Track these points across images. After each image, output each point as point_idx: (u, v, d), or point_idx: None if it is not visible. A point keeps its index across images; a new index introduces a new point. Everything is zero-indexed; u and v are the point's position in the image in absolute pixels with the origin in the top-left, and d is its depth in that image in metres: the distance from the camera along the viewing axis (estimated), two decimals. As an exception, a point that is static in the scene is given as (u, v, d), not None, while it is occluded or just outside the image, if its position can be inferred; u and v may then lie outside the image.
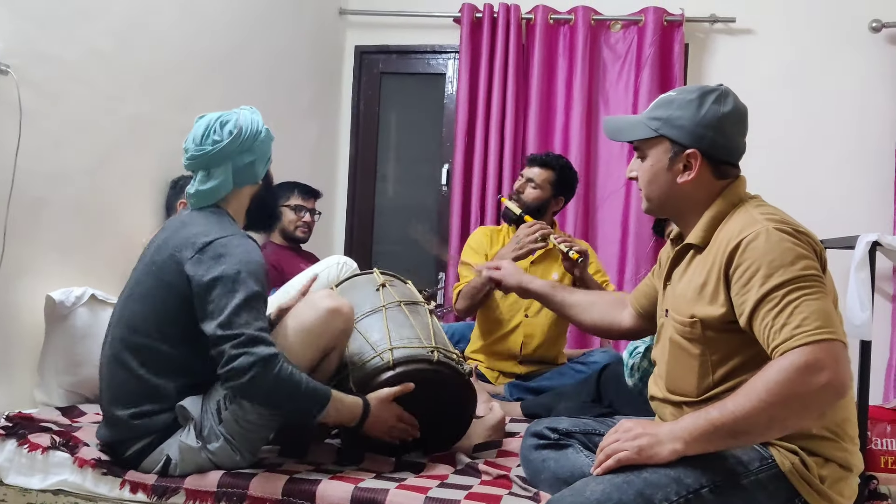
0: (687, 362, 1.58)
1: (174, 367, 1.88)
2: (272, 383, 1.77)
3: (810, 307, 1.38)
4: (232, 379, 1.77)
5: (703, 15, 4.07)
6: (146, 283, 1.92)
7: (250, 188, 2.06)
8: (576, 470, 1.64)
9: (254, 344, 1.76)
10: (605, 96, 4.18)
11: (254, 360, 1.75)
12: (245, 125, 1.97)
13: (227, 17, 3.36)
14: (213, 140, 1.95)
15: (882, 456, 2.76)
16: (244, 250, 1.87)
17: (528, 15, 4.17)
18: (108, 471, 1.88)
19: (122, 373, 1.89)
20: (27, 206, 2.36)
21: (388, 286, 2.26)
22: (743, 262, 1.46)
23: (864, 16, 3.90)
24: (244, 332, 1.76)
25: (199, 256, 1.84)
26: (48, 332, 2.40)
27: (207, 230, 1.90)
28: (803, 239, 1.47)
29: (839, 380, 1.34)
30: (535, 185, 3.04)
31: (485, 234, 3.21)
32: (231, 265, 1.82)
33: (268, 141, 2.04)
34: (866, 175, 3.89)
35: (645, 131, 1.65)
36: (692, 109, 1.59)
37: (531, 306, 2.99)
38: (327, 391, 1.86)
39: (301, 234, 3.54)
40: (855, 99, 3.94)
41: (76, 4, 2.51)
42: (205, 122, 1.98)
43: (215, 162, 1.96)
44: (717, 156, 1.60)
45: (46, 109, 2.41)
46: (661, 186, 1.64)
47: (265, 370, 1.75)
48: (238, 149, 1.97)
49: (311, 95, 4.18)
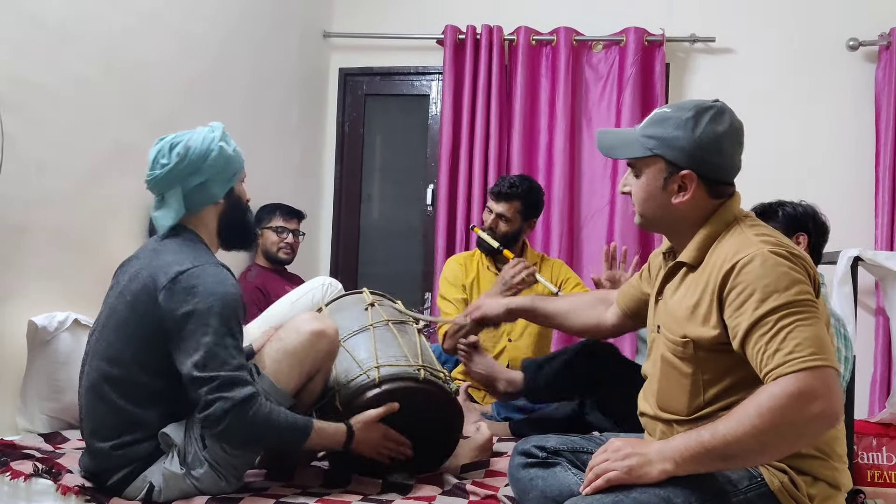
0: (678, 381, 1.58)
1: (154, 396, 1.85)
2: (249, 427, 1.76)
3: (803, 333, 1.37)
4: (209, 426, 1.77)
5: (683, 35, 4.12)
6: (121, 314, 1.88)
7: (213, 209, 2.00)
8: (564, 488, 1.63)
9: (230, 387, 1.75)
10: (587, 116, 4.21)
11: (229, 406, 1.73)
12: (194, 146, 1.91)
13: (210, 40, 3.36)
14: (161, 164, 1.91)
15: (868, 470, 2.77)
16: (216, 281, 1.83)
17: (510, 36, 4.21)
18: (92, 497, 1.85)
19: (102, 405, 1.86)
20: (9, 231, 2.34)
21: (376, 305, 2.27)
22: (737, 285, 1.45)
23: (841, 34, 3.97)
24: (219, 374, 1.75)
25: (172, 287, 1.81)
26: (31, 358, 2.38)
27: (180, 259, 1.86)
28: (798, 262, 1.46)
29: (832, 409, 1.34)
30: (506, 220, 3.05)
31: (458, 263, 3.22)
32: (203, 299, 1.79)
33: (221, 159, 1.95)
34: (847, 191, 3.94)
35: (640, 150, 1.61)
36: (688, 130, 1.55)
37: (513, 330, 3.01)
38: (307, 423, 1.85)
39: (284, 255, 3.54)
40: (834, 116, 4.00)
41: (58, 29, 2.51)
42: (158, 146, 1.94)
43: (165, 186, 1.92)
44: (712, 176, 1.58)
45: (28, 134, 2.40)
46: (656, 206, 1.62)
47: (242, 414, 1.74)
48: (185, 171, 1.91)
49: (296, 117, 4.19)
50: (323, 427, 1.89)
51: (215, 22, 3.40)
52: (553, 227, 4.09)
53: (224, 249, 2.08)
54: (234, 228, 2.04)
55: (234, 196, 2.05)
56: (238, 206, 2.06)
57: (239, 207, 2.06)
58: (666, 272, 1.68)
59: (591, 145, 4.16)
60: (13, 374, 2.37)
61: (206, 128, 1.98)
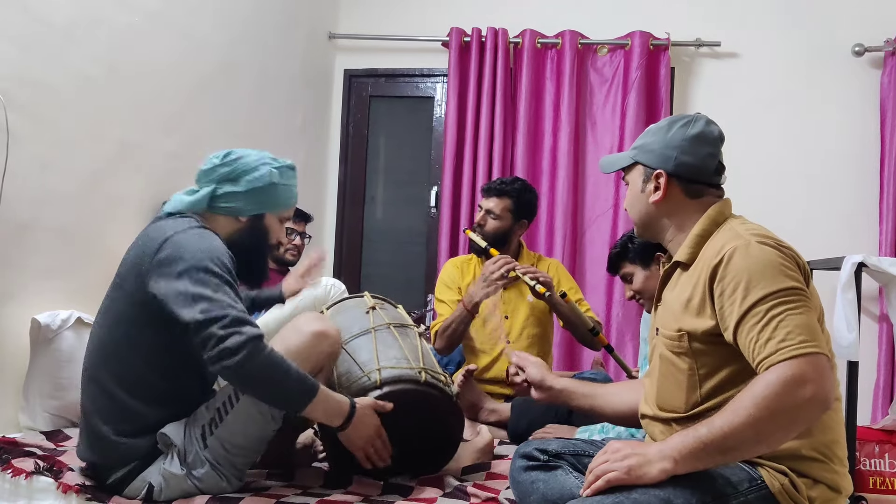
0: (675, 377, 1.59)
1: (148, 384, 1.85)
2: (264, 363, 1.72)
3: (794, 321, 1.40)
4: (225, 358, 1.69)
5: (688, 39, 4.12)
6: (111, 297, 1.91)
7: (228, 221, 1.99)
8: (565, 492, 1.63)
9: (241, 324, 1.72)
10: (592, 119, 4.21)
11: (245, 339, 1.70)
12: (246, 158, 1.98)
13: (215, 41, 3.37)
14: (211, 160, 1.99)
15: (871, 476, 2.76)
16: (200, 239, 1.84)
17: (515, 39, 4.21)
18: (93, 496, 1.85)
19: (102, 393, 1.86)
20: (13, 230, 2.35)
21: (378, 309, 2.27)
22: (726, 276, 1.48)
23: (847, 40, 3.96)
24: (228, 313, 1.72)
25: (158, 255, 1.80)
26: (33, 356, 2.38)
27: (164, 228, 1.87)
28: (786, 252, 1.49)
29: (823, 393, 1.36)
30: (494, 216, 3.04)
31: (455, 266, 3.22)
32: (195, 256, 1.78)
33: (263, 182, 1.96)
34: (851, 197, 3.93)
35: (624, 160, 1.77)
36: (661, 135, 1.70)
37: (511, 332, 3.00)
38: (316, 382, 1.81)
39: (290, 256, 3.54)
40: (839, 121, 3.99)
41: (63, 28, 2.52)
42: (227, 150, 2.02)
43: (203, 179, 1.99)
44: (684, 175, 1.67)
45: (33, 133, 2.41)
46: (640, 208, 1.74)
47: (257, 349, 1.71)
48: (224, 175, 1.97)
49: (301, 118, 4.20)
50: (329, 394, 1.85)
51: (221, 23, 3.41)
52: (556, 229, 4.08)
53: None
54: (242, 251, 1.96)
55: (262, 224, 2.03)
56: (259, 235, 2.03)
57: (259, 237, 2.03)
58: (663, 276, 1.72)
59: (596, 149, 4.16)
60: (16, 371, 2.38)
61: (269, 154, 2.02)
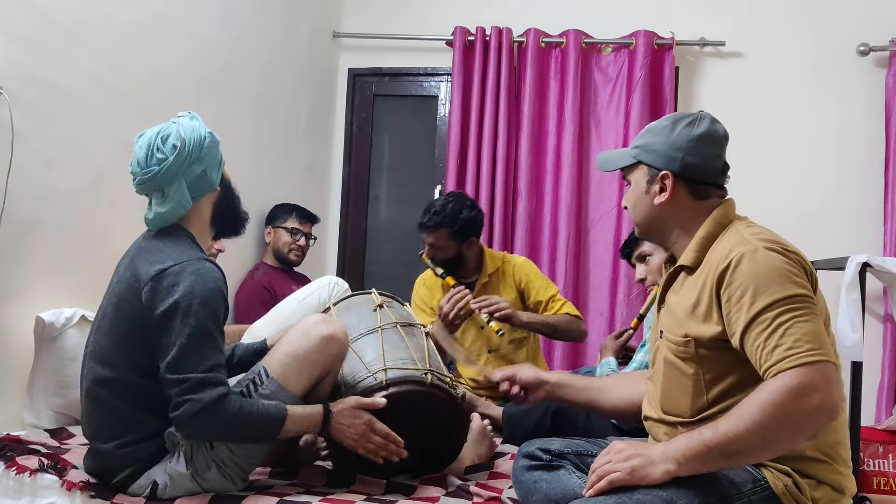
0: (681, 382, 1.58)
1: (148, 397, 1.84)
2: (219, 426, 1.77)
3: (802, 329, 1.39)
4: (179, 427, 1.78)
5: (693, 38, 4.11)
6: (109, 316, 1.89)
7: (210, 197, 1.98)
8: (568, 491, 1.63)
9: (200, 388, 1.73)
10: (596, 118, 4.20)
11: (198, 409, 1.72)
12: (187, 135, 1.87)
13: (220, 39, 3.37)
14: (158, 158, 1.86)
15: (874, 477, 2.76)
16: (197, 277, 1.80)
17: (519, 38, 4.21)
18: (97, 494, 1.86)
19: (97, 407, 1.87)
20: (18, 227, 2.35)
21: (385, 307, 2.26)
22: (734, 282, 1.47)
23: (851, 39, 3.96)
24: (190, 376, 1.73)
25: (153, 285, 1.79)
26: (38, 354, 2.39)
27: (163, 257, 1.84)
28: (793, 258, 1.48)
29: (831, 402, 1.35)
30: (438, 249, 3.00)
31: (424, 286, 3.20)
32: (183, 296, 1.76)
33: (214, 144, 1.94)
34: (855, 197, 3.93)
35: (626, 159, 1.73)
36: (665, 134, 1.66)
37: (491, 341, 3.01)
38: (281, 410, 1.81)
39: (294, 257, 3.55)
40: (843, 121, 3.98)
41: (69, 27, 2.52)
42: (146, 141, 1.88)
43: (167, 181, 1.87)
44: (690, 176, 1.64)
45: (38, 131, 2.41)
46: (642, 209, 1.71)
47: (211, 415, 1.73)
48: (186, 161, 1.87)
49: (305, 117, 4.20)
50: (298, 412, 1.84)
51: (226, 22, 3.41)
52: (560, 229, 4.08)
53: (218, 238, 2.08)
54: (229, 214, 2.04)
55: (226, 181, 2.04)
56: (231, 191, 2.06)
57: (231, 192, 2.06)
58: (666, 278, 1.70)
59: (600, 148, 4.15)
60: (20, 369, 2.38)
61: (185, 116, 1.94)
